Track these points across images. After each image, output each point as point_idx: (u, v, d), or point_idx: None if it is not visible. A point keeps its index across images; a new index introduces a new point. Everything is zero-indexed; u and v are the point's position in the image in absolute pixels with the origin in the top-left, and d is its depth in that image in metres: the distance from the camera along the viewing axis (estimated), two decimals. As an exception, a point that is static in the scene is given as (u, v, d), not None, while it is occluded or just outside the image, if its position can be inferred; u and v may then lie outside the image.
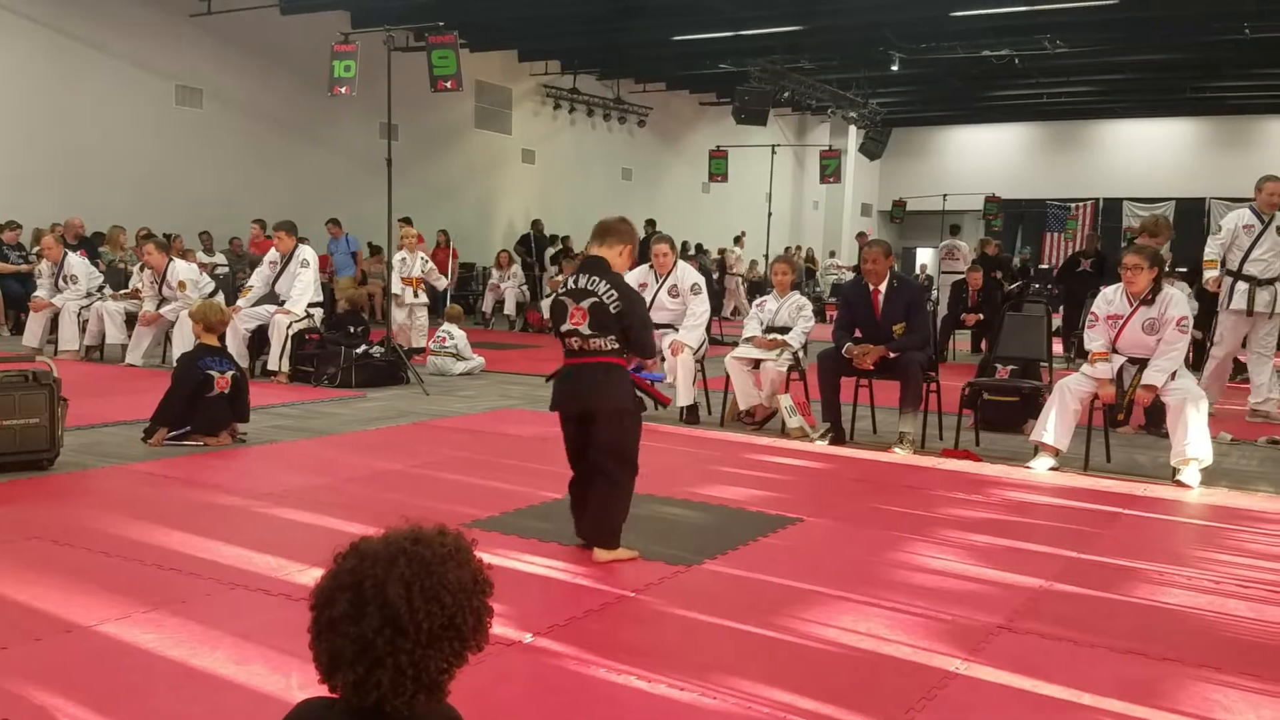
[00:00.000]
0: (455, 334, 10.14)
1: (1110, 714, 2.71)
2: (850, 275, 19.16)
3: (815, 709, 2.66)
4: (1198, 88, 22.95)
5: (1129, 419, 6.31)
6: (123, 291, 10.27)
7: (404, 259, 10.98)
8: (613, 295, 3.94)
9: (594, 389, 3.95)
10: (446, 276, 12.70)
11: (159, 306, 9.58)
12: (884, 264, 6.74)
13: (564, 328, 4.02)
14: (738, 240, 22.34)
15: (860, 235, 21.39)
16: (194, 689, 2.71)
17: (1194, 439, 5.63)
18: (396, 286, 10.70)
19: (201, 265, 12.03)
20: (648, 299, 7.80)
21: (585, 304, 3.95)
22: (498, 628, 2.90)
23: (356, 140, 16.54)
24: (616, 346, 3.96)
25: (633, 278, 8.04)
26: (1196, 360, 8.93)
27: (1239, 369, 8.93)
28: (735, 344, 7.78)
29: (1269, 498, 5.51)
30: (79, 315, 10.11)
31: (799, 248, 24.74)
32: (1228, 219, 8.12)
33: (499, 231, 20.51)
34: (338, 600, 1.37)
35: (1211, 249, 8.04)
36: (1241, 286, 7.78)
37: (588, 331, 3.96)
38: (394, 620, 1.34)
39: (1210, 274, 8.03)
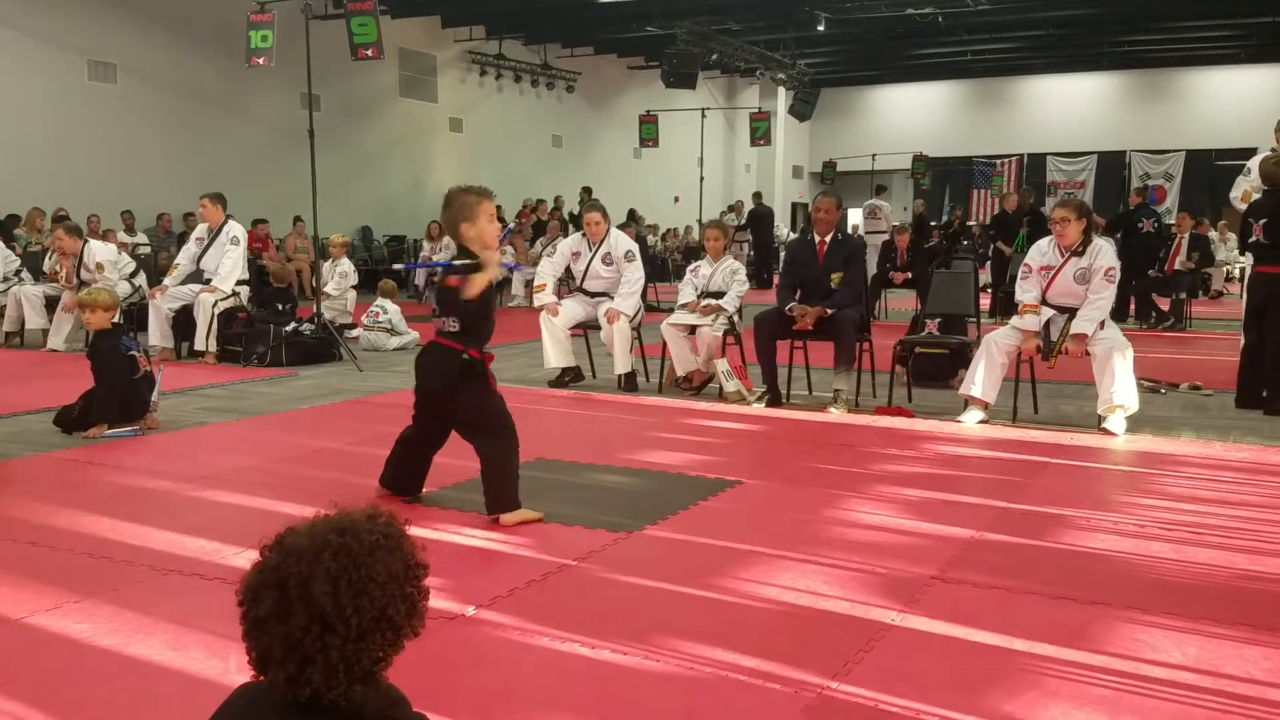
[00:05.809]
0: (389, 309, 10.02)
1: (1042, 658, 2.79)
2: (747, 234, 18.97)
3: (757, 666, 2.70)
4: (1115, 42, 23.36)
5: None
6: (43, 275, 10.00)
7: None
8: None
9: (431, 369, 4.10)
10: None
11: (80, 290, 9.31)
12: (834, 215, 6.93)
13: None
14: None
15: (756, 195, 21.09)
16: (129, 677, 2.66)
17: (1120, 387, 5.78)
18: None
19: (121, 245, 11.71)
20: (581, 268, 7.79)
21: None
22: (439, 602, 2.90)
23: (278, 112, 16.17)
24: (455, 330, 4.03)
25: (566, 246, 8.02)
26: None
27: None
28: (671, 310, 7.80)
29: (1190, 442, 5.68)
30: (-5, 301, 9.83)
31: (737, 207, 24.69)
32: (1256, 162, 7.33)
33: (429, 202, 20.21)
34: (263, 599, 1.33)
35: (1242, 186, 7.35)
36: None
37: (438, 310, 4.10)
38: (321, 618, 1.30)
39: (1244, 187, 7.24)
